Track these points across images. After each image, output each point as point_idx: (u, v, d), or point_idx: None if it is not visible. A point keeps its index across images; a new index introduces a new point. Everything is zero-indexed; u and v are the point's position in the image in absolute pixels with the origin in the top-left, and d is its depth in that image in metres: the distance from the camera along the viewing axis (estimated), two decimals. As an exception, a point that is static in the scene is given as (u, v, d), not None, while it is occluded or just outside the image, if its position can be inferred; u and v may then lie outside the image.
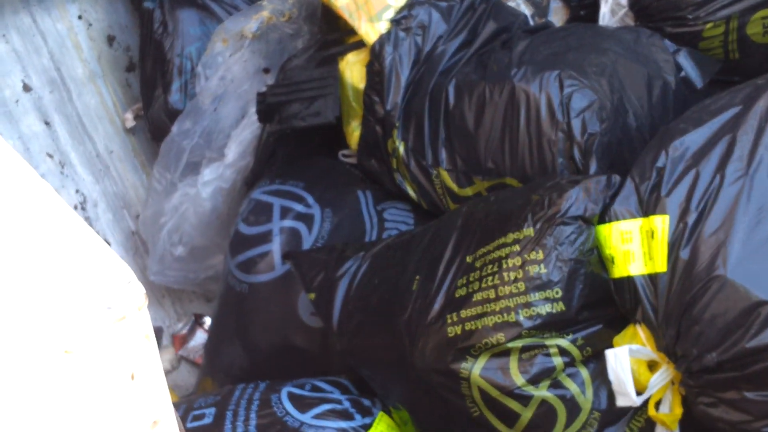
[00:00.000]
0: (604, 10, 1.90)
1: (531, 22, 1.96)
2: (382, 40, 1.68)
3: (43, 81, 2.22)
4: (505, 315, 1.26)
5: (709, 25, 1.78)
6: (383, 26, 1.70)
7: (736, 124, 1.29)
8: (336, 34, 1.82)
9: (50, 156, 2.20)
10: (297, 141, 1.91)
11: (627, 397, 1.23)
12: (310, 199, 1.78)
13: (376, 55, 1.69)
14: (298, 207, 1.76)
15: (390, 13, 1.71)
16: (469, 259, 1.34)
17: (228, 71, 1.95)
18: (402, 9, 1.71)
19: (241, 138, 1.91)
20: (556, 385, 1.26)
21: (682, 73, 1.67)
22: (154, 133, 2.19)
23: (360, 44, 1.76)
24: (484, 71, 1.62)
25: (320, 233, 1.72)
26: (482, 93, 1.57)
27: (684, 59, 1.69)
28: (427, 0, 1.72)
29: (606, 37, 1.65)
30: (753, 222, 1.18)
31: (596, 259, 1.28)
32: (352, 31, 1.76)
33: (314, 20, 1.97)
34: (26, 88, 2.20)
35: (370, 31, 1.70)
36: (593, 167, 1.45)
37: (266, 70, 1.98)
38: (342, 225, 1.75)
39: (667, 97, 1.59)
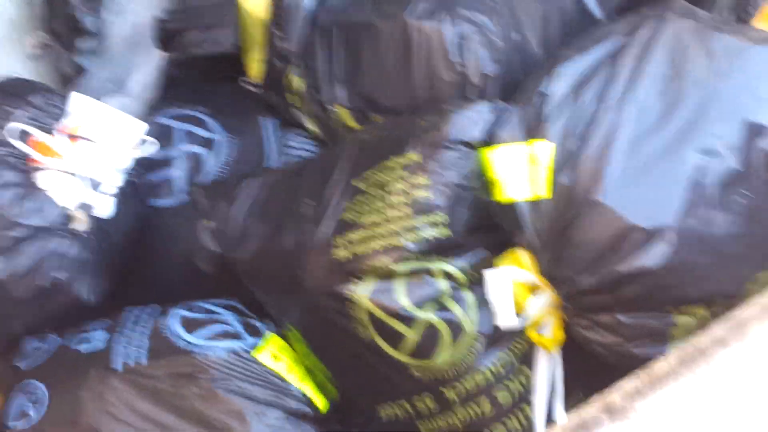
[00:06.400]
0: None
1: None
2: (287, -26, 1.60)
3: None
4: (391, 239, 1.23)
5: None
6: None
7: (619, 52, 1.26)
8: (236, -40, 1.74)
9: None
10: (200, 67, 1.83)
11: (506, 317, 1.22)
12: (212, 124, 1.71)
13: (280, -11, 1.61)
14: (201, 132, 1.69)
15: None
16: (355, 183, 1.30)
17: (136, 13, 1.82)
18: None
19: (144, 70, 1.81)
20: (441, 308, 1.24)
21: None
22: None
23: (259, -29, 1.68)
24: (378, 6, 1.55)
25: (222, 158, 1.67)
26: (375, 29, 1.50)
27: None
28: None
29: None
30: (629, 149, 1.16)
31: (481, 184, 1.26)
32: (251, -42, 1.68)
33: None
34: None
35: (272, -40, 1.63)
36: (488, 105, 1.40)
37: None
38: (244, 151, 1.69)
39: (564, 29, 1.54)
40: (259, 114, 1.75)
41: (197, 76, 1.84)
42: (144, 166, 1.62)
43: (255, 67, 1.72)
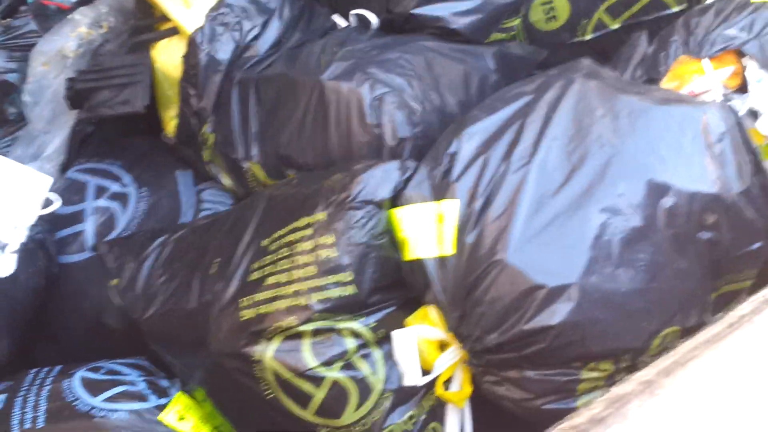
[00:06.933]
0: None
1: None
2: (200, 33, 1.58)
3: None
4: (296, 298, 1.21)
5: None
6: (199, 16, 1.60)
7: (526, 112, 1.28)
8: (149, 20, 1.71)
9: None
10: (116, 122, 1.80)
11: (413, 376, 1.20)
12: (126, 178, 1.68)
13: (193, 48, 1.58)
14: (114, 186, 1.66)
15: (206, 2, 1.62)
16: (264, 243, 1.29)
17: (56, 94, 1.80)
18: (220, 2, 1.62)
19: (62, 134, 1.77)
20: (348, 366, 1.22)
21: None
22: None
23: (173, 31, 1.66)
24: (295, 66, 1.55)
25: (135, 213, 1.63)
26: (293, 86, 1.50)
27: (513, 49, 1.66)
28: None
29: (424, 38, 1.60)
30: (533, 209, 1.17)
31: (388, 242, 1.25)
32: (164, 18, 1.65)
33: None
34: None
35: (186, 20, 1.60)
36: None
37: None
38: (158, 205, 1.66)
39: (485, 90, 1.55)
40: (175, 168, 1.73)
41: (113, 131, 1.82)
42: (54, 221, 1.58)
43: (171, 124, 1.70)
